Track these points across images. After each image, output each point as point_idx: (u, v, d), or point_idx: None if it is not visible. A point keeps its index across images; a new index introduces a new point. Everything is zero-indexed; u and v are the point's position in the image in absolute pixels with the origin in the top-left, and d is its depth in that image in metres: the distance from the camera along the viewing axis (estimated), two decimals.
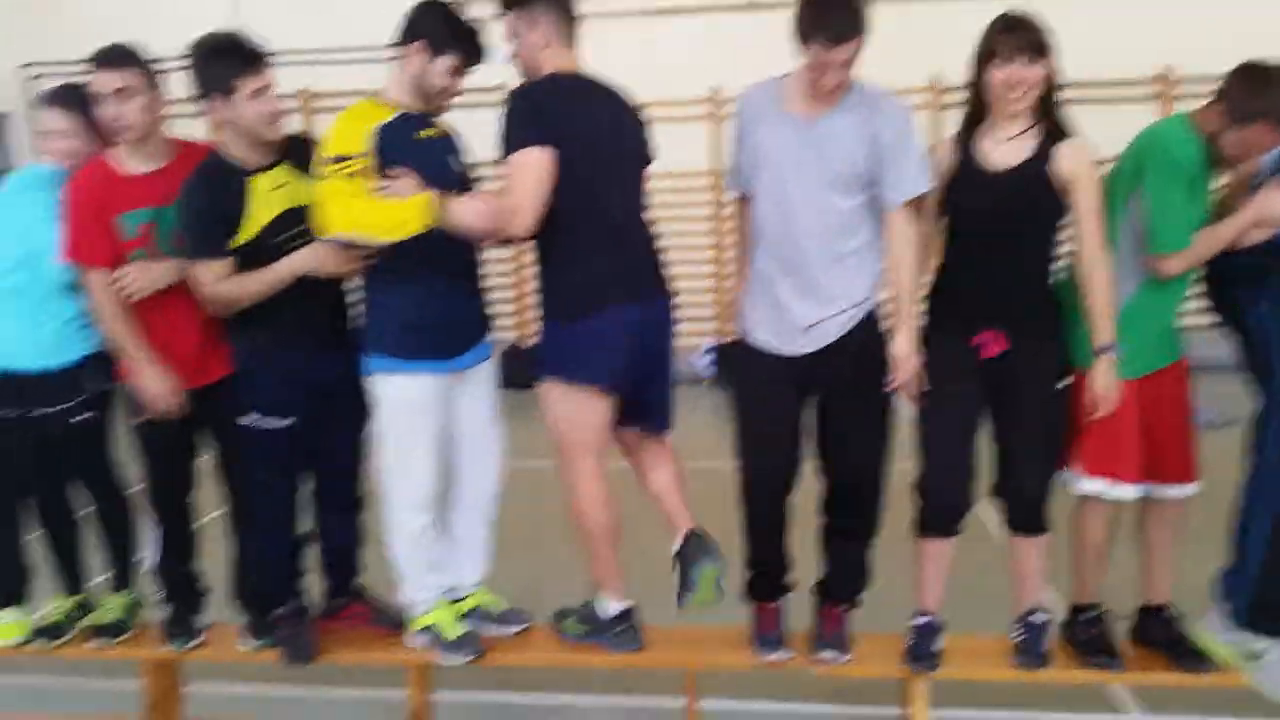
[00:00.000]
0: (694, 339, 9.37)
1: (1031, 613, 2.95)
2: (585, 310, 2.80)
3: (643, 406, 2.98)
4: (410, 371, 2.86)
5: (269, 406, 2.93)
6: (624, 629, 3.01)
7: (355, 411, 3.06)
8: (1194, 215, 2.75)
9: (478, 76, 2.95)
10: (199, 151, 3.00)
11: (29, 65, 10.43)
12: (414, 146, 2.81)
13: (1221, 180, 2.86)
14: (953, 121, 2.96)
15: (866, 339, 2.87)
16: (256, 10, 10.24)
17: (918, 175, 2.79)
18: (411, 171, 2.73)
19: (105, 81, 2.84)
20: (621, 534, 3.00)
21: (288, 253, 2.85)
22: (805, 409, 2.93)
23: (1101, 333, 2.76)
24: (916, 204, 2.83)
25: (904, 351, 2.80)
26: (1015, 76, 2.67)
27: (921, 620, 2.97)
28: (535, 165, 2.67)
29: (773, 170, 2.78)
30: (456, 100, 2.94)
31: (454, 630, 3.01)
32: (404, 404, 2.87)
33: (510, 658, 3.08)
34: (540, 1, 2.80)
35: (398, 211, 2.67)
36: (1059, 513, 2.95)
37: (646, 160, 2.96)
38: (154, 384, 2.93)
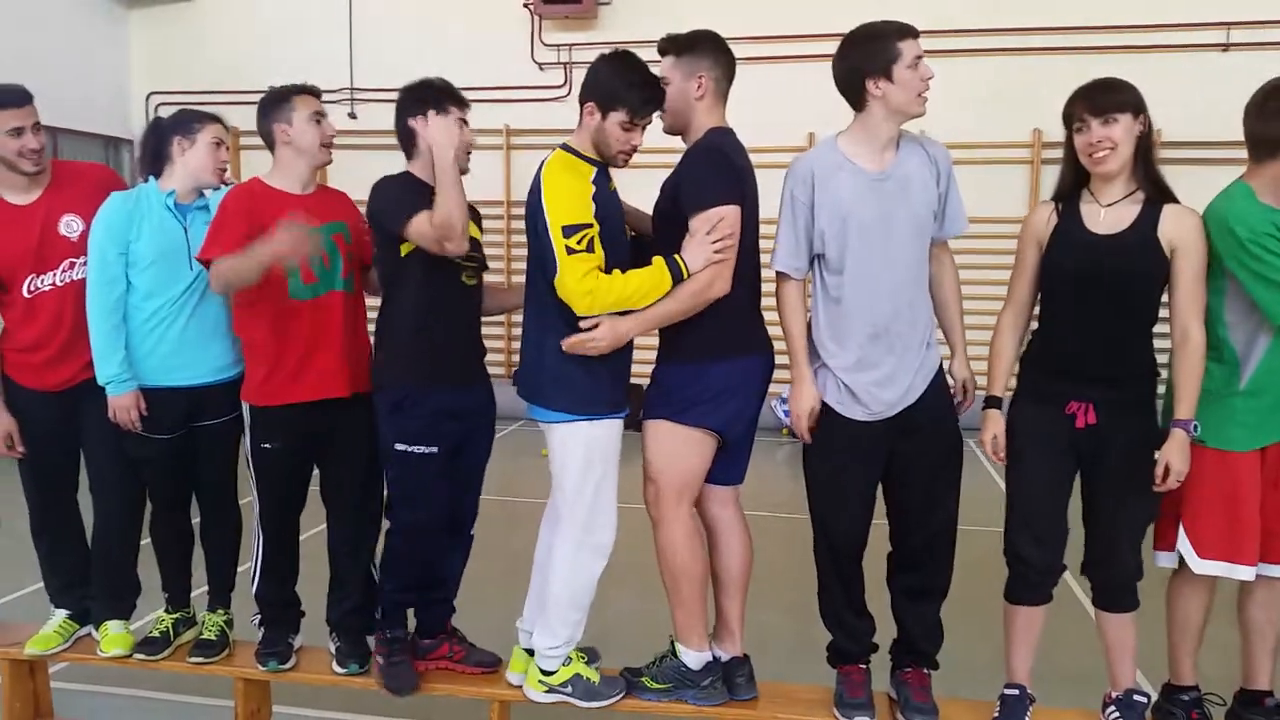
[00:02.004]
0: (775, 386, 9.34)
1: (1132, 693, 2.87)
2: (728, 354, 2.83)
3: (728, 458, 2.99)
4: (608, 420, 2.91)
5: (415, 437, 2.99)
6: (711, 681, 2.98)
7: (482, 451, 3.19)
8: None
9: None
10: (337, 194, 3.30)
11: (156, 94, 11.02)
12: (612, 200, 2.91)
13: None
14: (1053, 175, 2.95)
15: (940, 396, 2.90)
16: (370, 46, 10.68)
17: (963, 213, 2.93)
18: None
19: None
20: (708, 583, 3.00)
21: (459, 269, 3.00)
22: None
23: (1182, 406, 2.71)
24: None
25: (966, 373, 2.98)
26: (1094, 137, 2.67)
27: (1012, 691, 2.91)
28: (736, 224, 2.76)
29: (860, 224, 2.78)
30: None
31: (595, 674, 3.03)
32: (602, 453, 2.90)
33: None
34: (707, 55, 2.87)
35: (650, 279, 2.74)
36: (1146, 588, 2.87)
37: None
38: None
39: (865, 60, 2.73)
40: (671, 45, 2.92)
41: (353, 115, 10.42)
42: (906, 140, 2.86)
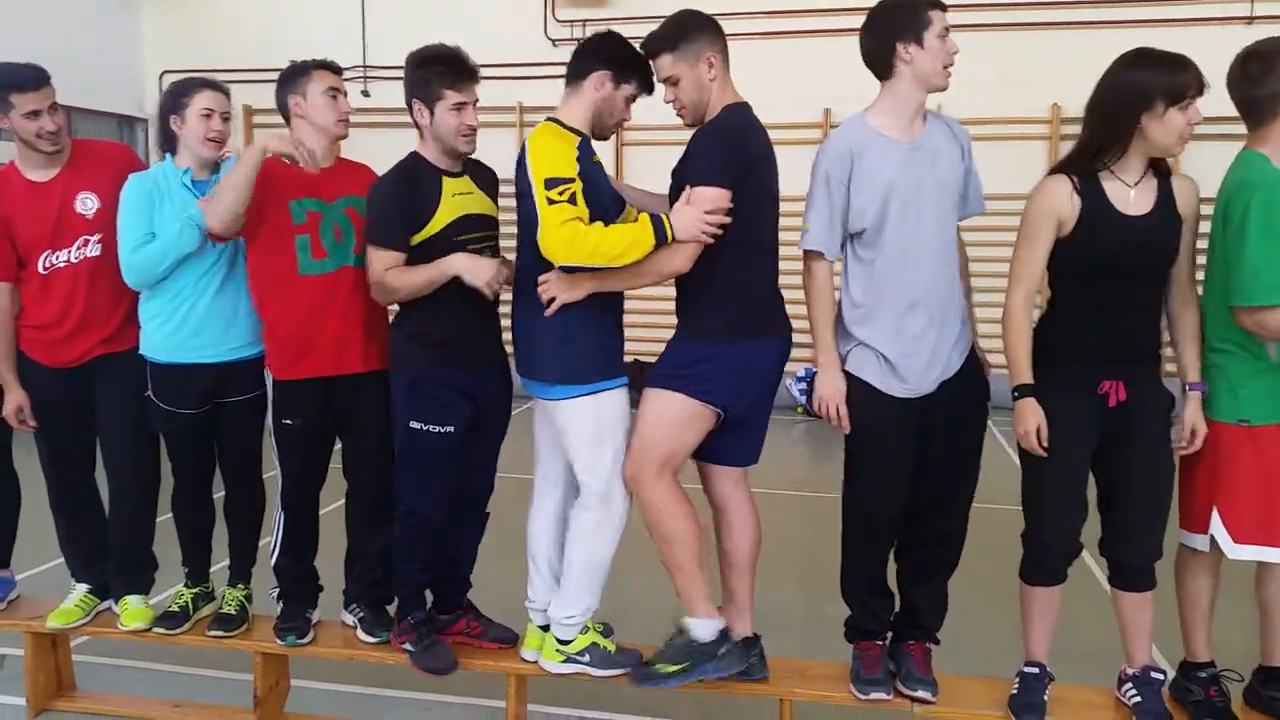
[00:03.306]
0: (790, 364, 9.30)
1: (1149, 670, 2.86)
2: (747, 337, 2.82)
3: (739, 438, 2.97)
4: (610, 391, 2.91)
5: (431, 415, 3.01)
6: (727, 649, 2.92)
7: (497, 432, 3.21)
8: None
9: None
10: (356, 166, 3.27)
11: (169, 72, 11.01)
12: (596, 170, 2.89)
13: None
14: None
15: (974, 372, 2.89)
16: (383, 24, 10.64)
17: (981, 194, 2.96)
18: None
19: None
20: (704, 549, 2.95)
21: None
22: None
23: (1192, 370, 2.77)
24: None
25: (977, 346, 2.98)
26: (1198, 117, 2.61)
27: (1031, 669, 2.91)
28: (724, 208, 2.73)
29: (899, 195, 2.76)
30: None
31: (611, 644, 3.05)
32: (610, 425, 2.90)
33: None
34: (703, 33, 2.82)
35: (628, 234, 2.70)
36: (1158, 566, 2.86)
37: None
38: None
39: (897, 26, 2.72)
40: (664, 42, 2.83)
41: (366, 93, 10.37)
42: (930, 115, 2.86)
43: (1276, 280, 2.55)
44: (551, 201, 2.70)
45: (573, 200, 2.71)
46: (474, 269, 2.92)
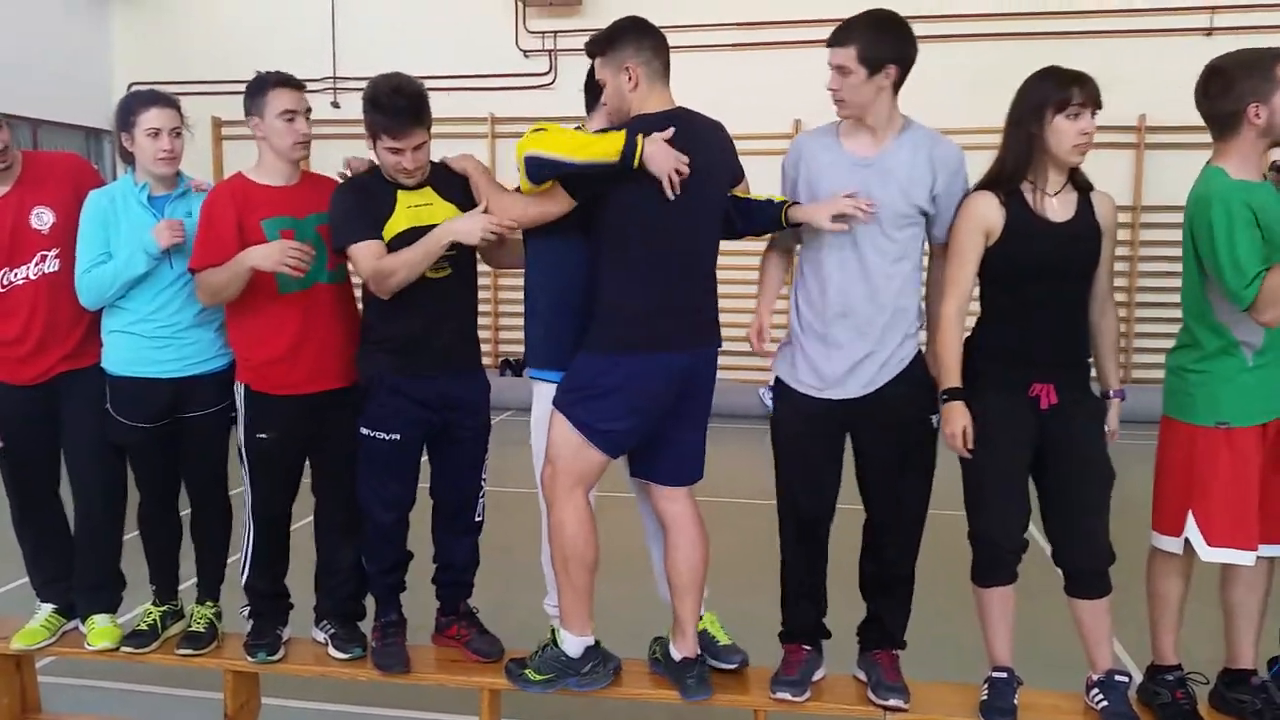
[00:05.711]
0: (762, 374, 9.29)
1: (1113, 674, 2.89)
2: (628, 349, 2.79)
3: (665, 458, 2.95)
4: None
5: (378, 422, 3.06)
6: (592, 667, 2.96)
7: (477, 437, 3.22)
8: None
9: None
10: (324, 181, 3.24)
11: (137, 83, 10.93)
12: None
13: None
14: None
15: (913, 389, 2.89)
16: (353, 35, 10.61)
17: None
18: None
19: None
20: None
21: None
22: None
23: (1113, 377, 2.96)
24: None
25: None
26: (1089, 127, 2.73)
27: (1000, 674, 2.92)
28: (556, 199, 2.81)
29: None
30: None
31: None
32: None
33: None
34: (628, 44, 2.81)
35: (595, 139, 2.71)
36: (1129, 569, 2.90)
37: (726, 193, 2.93)
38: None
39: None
40: (594, 46, 2.87)
41: (335, 104, 10.35)
42: (915, 134, 2.86)
43: (1250, 271, 2.59)
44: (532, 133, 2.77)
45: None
46: (467, 228, 2.92)
